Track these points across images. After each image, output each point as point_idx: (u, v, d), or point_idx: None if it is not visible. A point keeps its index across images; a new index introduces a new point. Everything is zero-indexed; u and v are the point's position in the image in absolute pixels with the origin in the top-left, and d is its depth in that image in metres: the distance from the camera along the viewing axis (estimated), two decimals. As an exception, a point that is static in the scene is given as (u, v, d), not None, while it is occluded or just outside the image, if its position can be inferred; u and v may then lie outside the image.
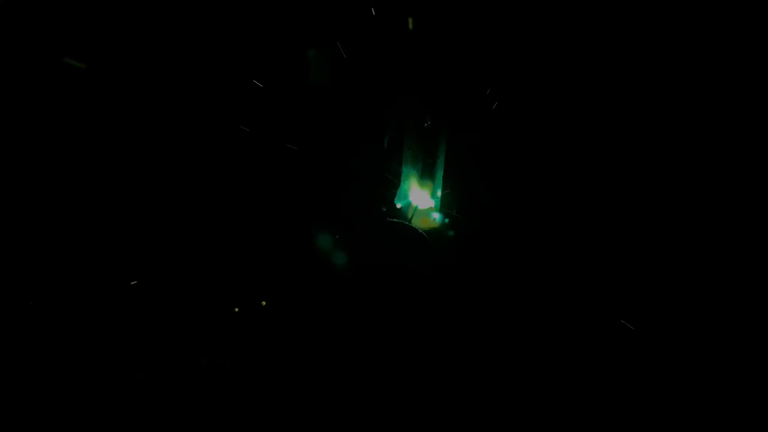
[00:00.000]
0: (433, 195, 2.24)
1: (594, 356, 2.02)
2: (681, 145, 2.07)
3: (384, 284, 2.10)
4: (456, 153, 2.21)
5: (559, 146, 2.15)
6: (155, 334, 2.13)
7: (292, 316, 2.15)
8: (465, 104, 2.18)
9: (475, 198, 2.19)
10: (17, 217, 2.15)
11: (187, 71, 2.23)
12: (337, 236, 2.14)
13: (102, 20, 2.17)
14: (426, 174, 2.22)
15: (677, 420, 1.90)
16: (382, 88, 2.20)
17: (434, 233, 2.19)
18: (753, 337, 1.95)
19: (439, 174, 2.21)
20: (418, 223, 2.20)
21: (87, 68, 2.13)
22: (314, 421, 1.98)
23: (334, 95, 2.22)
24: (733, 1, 2.02)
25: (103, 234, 2.20)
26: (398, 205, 2.22)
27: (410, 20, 2.13)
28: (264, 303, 2.16)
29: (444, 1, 2.14)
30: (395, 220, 2.18)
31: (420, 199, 2.23)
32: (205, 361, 2.03)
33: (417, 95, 2.20)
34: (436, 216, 2.21)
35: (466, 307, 2.10)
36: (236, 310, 2.14)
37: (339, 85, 2.21)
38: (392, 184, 2.22)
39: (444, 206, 2.21)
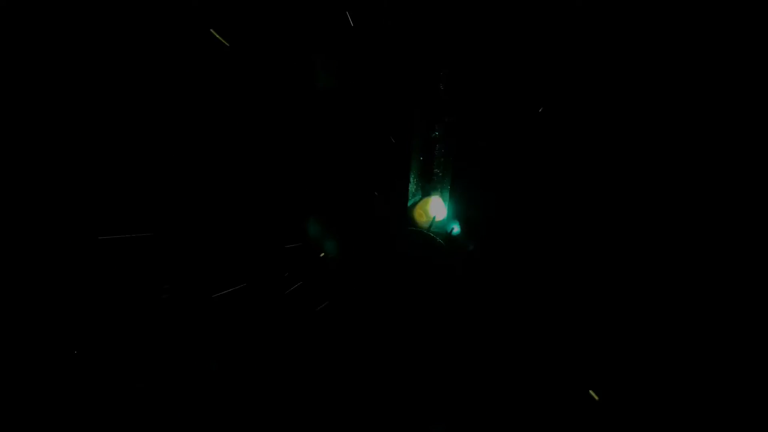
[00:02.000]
0: (445, 202, 2.25)
1: (595, 358, 2.03)
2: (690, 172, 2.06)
3: (402, 287, 2.11)
4: (466, 160, 2.21)
5: (568, 155, 2.14)
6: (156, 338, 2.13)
7: (301, 320, 2.15)
8: (473, 112, 2.18)
9: (485, 205, 2.20)
10: (17, 217, 2.15)
11: (188, 71, 2.23)
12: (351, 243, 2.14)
13: (104, 20, 2.17)
14: (436, 181, 2.23)
15: (678, 420, 1.91)
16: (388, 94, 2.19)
17: (448, 239, 2.19)
18: (753, 337, 1.95)
19: (447, 182, 2.21)
20: (433, 228, 2.21)
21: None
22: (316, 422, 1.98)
23: (345, 99, 2.22)
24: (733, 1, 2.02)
25: (103, 234, 2.20)
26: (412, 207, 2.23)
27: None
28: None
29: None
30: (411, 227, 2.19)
31: (435, 207, 2.24)
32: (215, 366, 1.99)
33: (423, 102, 2.20)
34: (455, 226, 2.22)
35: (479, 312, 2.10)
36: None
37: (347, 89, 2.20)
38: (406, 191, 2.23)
39: (455, 213, 2.22)
